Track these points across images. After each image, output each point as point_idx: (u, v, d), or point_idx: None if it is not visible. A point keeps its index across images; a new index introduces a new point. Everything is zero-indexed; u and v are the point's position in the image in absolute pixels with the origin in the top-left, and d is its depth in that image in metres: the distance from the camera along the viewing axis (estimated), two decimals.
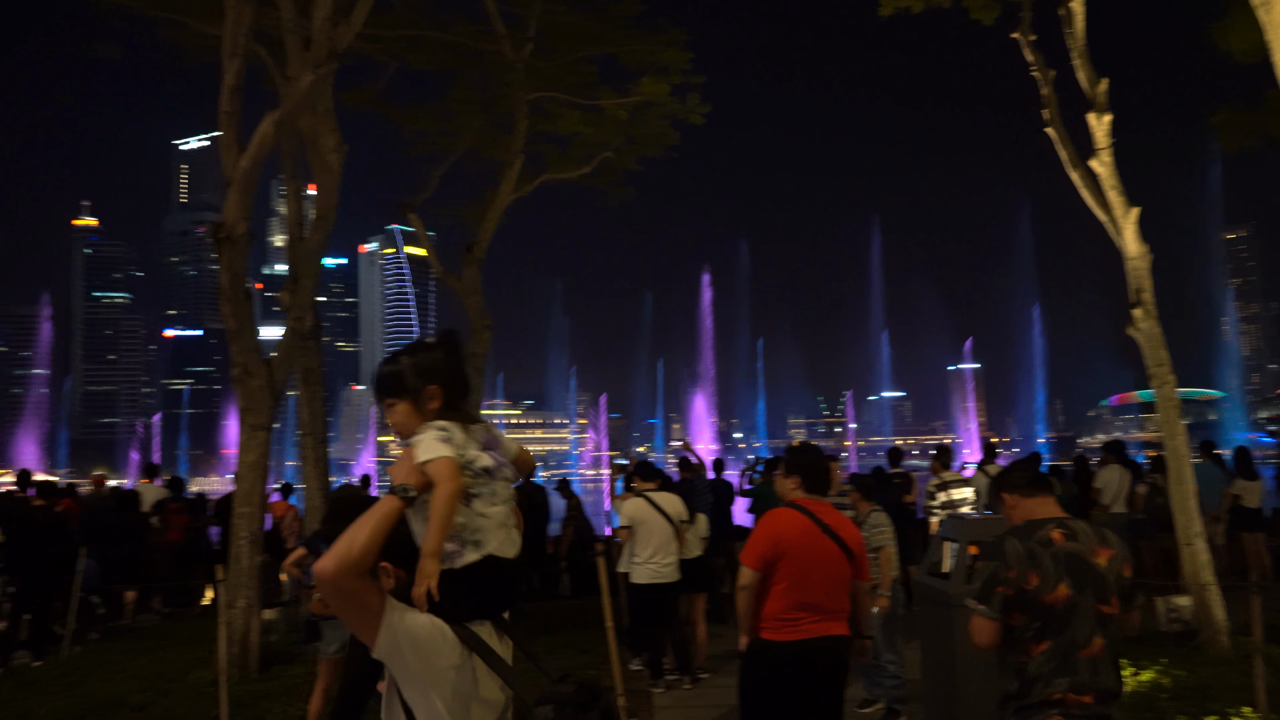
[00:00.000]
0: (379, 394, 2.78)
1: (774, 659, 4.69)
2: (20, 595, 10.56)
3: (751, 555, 4.73)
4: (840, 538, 4.78)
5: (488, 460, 2.66)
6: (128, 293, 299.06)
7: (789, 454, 5.18)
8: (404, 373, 2.73)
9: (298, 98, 9.69)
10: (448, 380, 2.72)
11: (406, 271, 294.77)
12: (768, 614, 4.71)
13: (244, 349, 9.67)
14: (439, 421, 2.62)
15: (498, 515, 2.62)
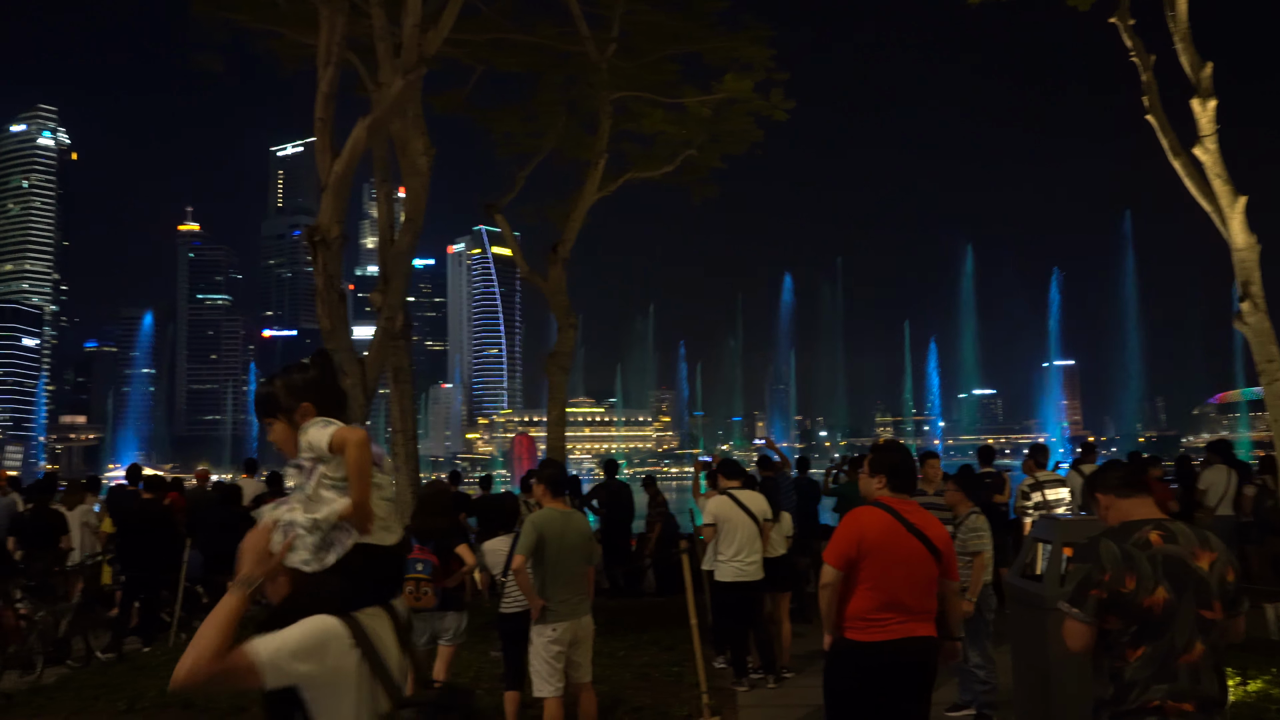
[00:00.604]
0: (258, 414, 2.90)
1: (859, 659, 4.63)
2: (131, 584, 11.07)
3: (834, 554, 4.67)
4: (926, 536, 4.69)
5: (379, 458, 2.81)
6: (228, 295, 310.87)
7: (874, 452, 5.10)
8: (277, 393, 2.86)
9: (389, 103, 9.95)
10: (319, 397, 2.85)
11: (492, 271, 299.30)
12: (852, 614, 4.65)
13: (338, 348, 9.96)
14: (330, 429, 2.72)
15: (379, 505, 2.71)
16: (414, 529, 6.98)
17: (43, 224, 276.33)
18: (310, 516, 2.62)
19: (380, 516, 2.71)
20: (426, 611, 6.86)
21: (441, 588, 6.80)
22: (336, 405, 2.90)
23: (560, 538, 6.31)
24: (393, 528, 2.77)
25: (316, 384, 2.89)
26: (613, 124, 14.74)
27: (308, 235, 9.84)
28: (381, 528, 2.71)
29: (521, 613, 6.64)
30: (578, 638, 6.39)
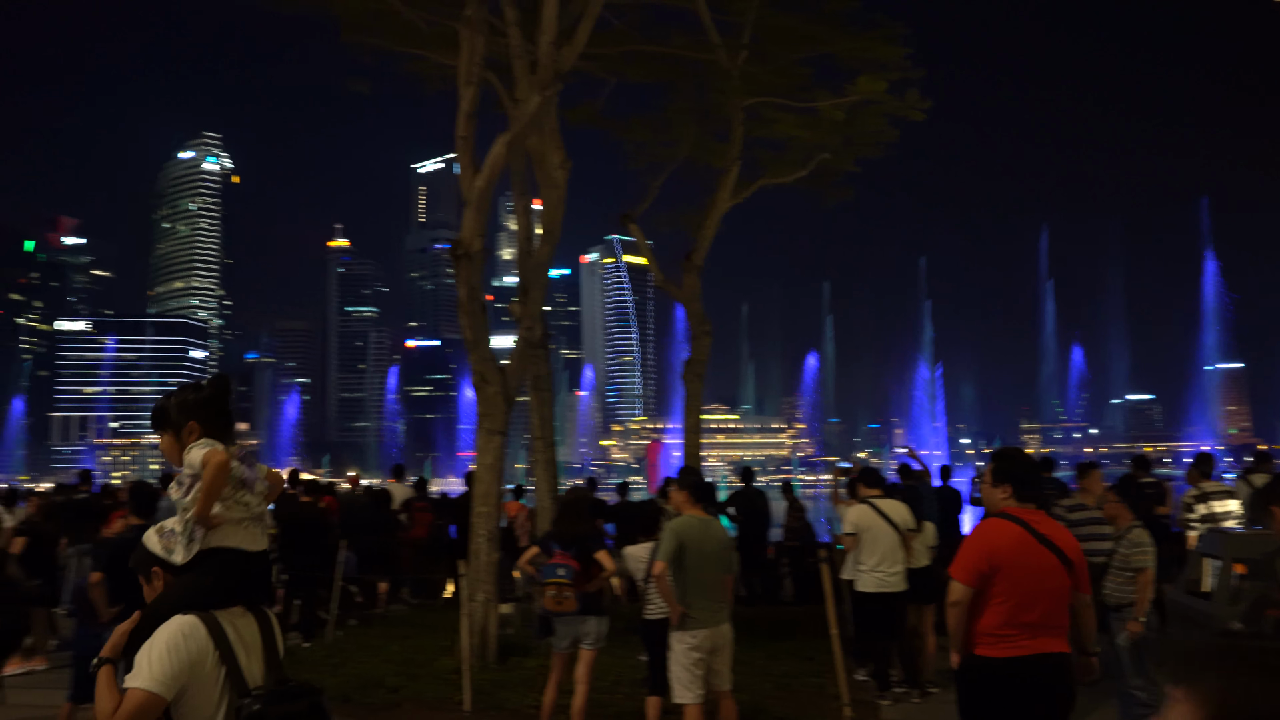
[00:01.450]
0: (152, 426, 3.19)
1: (991, 677, 4.46)
2: (292, 583, 11.70)
3: (962, 569, 4.50)
4: (1058, 547, 4.47)
5: (244, 473, 3.09)
6: (374, 307, 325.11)
7: (996, 460, 4.84)
8: (169, 409, 3.15)
9: (526, 119, 10.23)
10: (206, 417, 3.13)
11: (626, 280, 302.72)
12: (982, 629, 4.48)
13: (481, 358, 10.29)
14: (205, 439, 3.05)
15: (237, 511, 3.00)
16: (555, 534, 7.14)
17: (208, 244, 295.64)
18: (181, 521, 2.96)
19: (240, 526, 2.99)
20: (568, 615, 6.99)
21: (582, 592, 6.92)
22: (224, 425, 3.18)
23: (700, 545, 6.33)
24: (256, 538, 3.06)
25: (205, 404, 3.18)
26: (745, 130, 14.71)
27: (451, 249, 10.21)
28: (243, 536, 2.99)
29: (663, 619, 6.69)
30: (717, 645, 6.39)
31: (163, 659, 2.69)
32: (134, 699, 2.65)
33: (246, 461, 3.19)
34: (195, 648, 2.73)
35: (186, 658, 2.71)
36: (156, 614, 2.82)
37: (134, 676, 2.70)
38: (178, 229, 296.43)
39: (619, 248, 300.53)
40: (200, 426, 3.14)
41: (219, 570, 2.91)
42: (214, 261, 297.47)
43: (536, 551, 7.34)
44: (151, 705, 2.65)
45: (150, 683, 2.66)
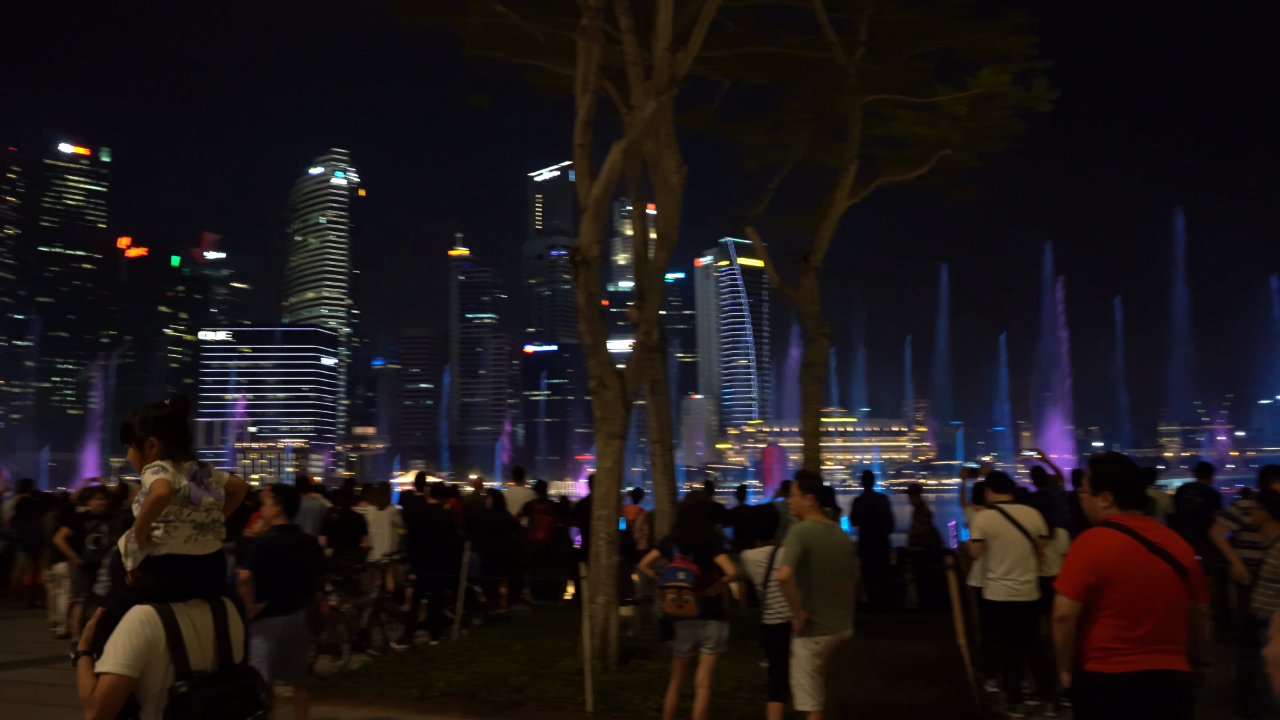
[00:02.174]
0: (120, 439, 3.62)
1: (1104, 693, 4.22)
2: (420, 582, 12.07)
3: (1068, 583, 4.26)
4: (1171, 555, 4.21)
5: (191, 491, 3.44)
6: (494, 313, 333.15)
7: (1094, 467, 4.57)
8: (134, 425, 3.57)
9: (642, 125, 10.30)
10: (166, 434, 3.54)
11: (740, 283, 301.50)
12: (1092, 643, 4.24)
13: (599, 363, 10.40)
14: (158, 462, 3.45)
15: (183, 530, 3.40)
16: (676, 538, 7.16)
17: (337, 255, 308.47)
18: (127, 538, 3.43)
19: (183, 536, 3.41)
20: (688, 619, 6.99)
21: (703, 596, 6.92)
22: (182, 441, 3.60)
23: (824, 550, 6.26)
24: (206, 544, 3.48)
25: (165, 421, 3.59)
26: (862, 128, 14.46)
27: (569, 255, 10.36)
28: (191, 545, 3.42)
29: (782, 624, 6.63)
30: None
31: (126, 644, 3.12)
32: (106, 682, 3.08)
33: (199, 477, 3.56)
34: (150, 633, 3.17)
35: (144, 642, 3.15)
36: (119, 608, 3.26)
37: (103, 662, 3.12)
38: (309, 241, 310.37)
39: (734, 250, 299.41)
40: (160, 442, 3.57)
41: (167, 573, 3.35)
42: (342, 272, 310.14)
43: (656, 555, 7.37)
44: (121, 685, 3.09)
45: (116, 665, 3.09)
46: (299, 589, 7.30)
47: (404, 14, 13.27)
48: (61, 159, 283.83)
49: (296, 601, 7.27)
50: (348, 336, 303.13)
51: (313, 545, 7.46)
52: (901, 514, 14.68)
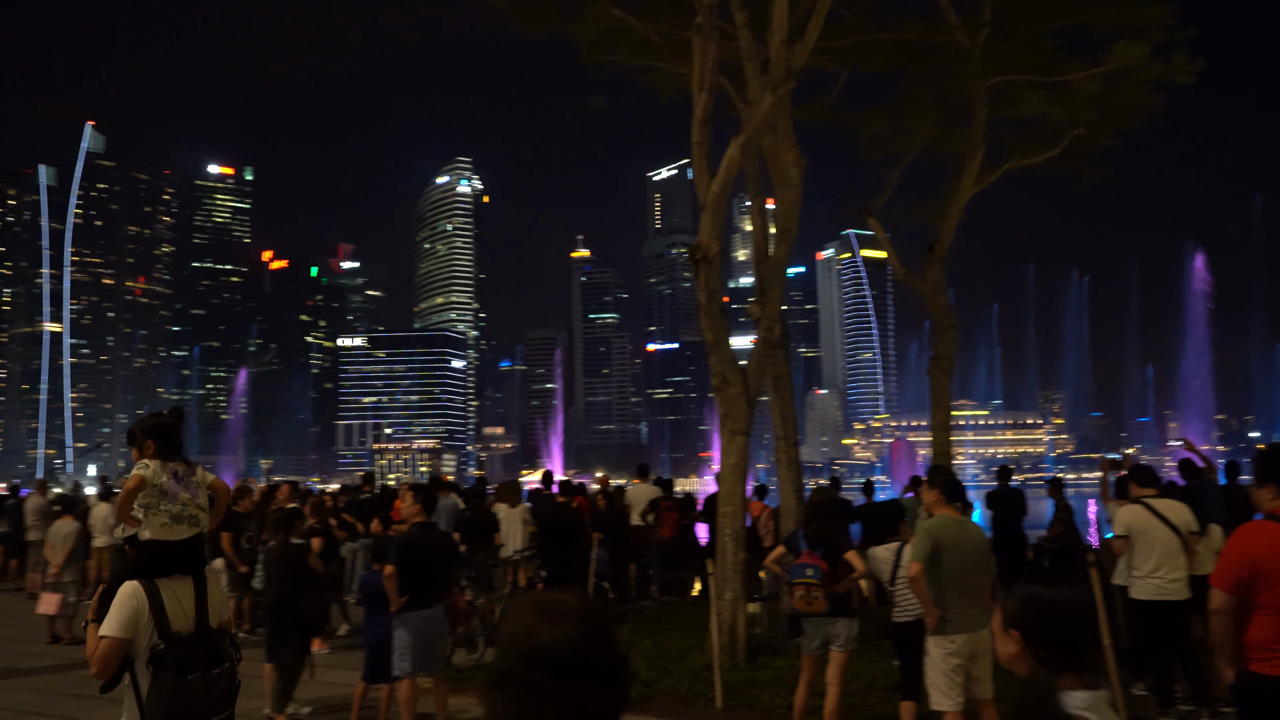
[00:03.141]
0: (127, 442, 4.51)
1: (1268, 697, 4.01)
2: (551, 579, 12.33)
3: (1221, 576, 4.12)
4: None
5: (168, 486, 4.26)
6: (616, 313, 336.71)
7: (1261, 459, 4.38)
8: (135, 431, 4.46)
9: (760, 120, 10.25)
10: (159, 438, 4.40)
11: (863, 275, 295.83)
12: (1252, 643, 4.05)
13: (721, 359, 10.41)
14: (143, 460, 4.33)
15: (160, 518, 4.21)
16: (804, 534, 7.11)
17: (464, 261, 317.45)
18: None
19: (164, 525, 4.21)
20: (817, 616, 6.94)
21: (832, 593, 6.85)
22: (172, 445, 4.45)
23: (956, 546, 6.11)
24: (178, 530, 4.23)
25: (159, 429, 4.45)
26: (988, 112, 13.99)
27: (690, 253, 10.40)
28: (167, 531, 4.21)
29: (912, 622, 6.51)
30: (977, 651, 6.13)
31: (117, 613, 3.91)
32: (104, 644, 3.88)
33: (181, 477, 4.40)
34: (137, 604, 3.94)
35: (132, 611, 3.92)
36: (114, 584, 4.07)
37: (102, 628, 3.91)
38: (437, 249, 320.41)
39: (855, 243, 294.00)
40: (155, 445, 4.44)
41: (149, 554, 4.19)
42: (469, 277, 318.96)
43: (783, 551, 7.34)
44: (116, 646, 3.88)
45: (111, 630, 3.88)
46: (438, 584, 7.58)
47: (524, 25, 13.56)
48: (210, 179, 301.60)
49: (436, 596, 7.55)
50: (475, 340, 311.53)
51: (449, 542, 7.74)
52: (1039, 509, 14.15)
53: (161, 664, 3.85)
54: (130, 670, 3.91)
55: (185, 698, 3.84)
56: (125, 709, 3.98)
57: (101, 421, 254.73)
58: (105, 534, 16.43)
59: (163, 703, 3.82)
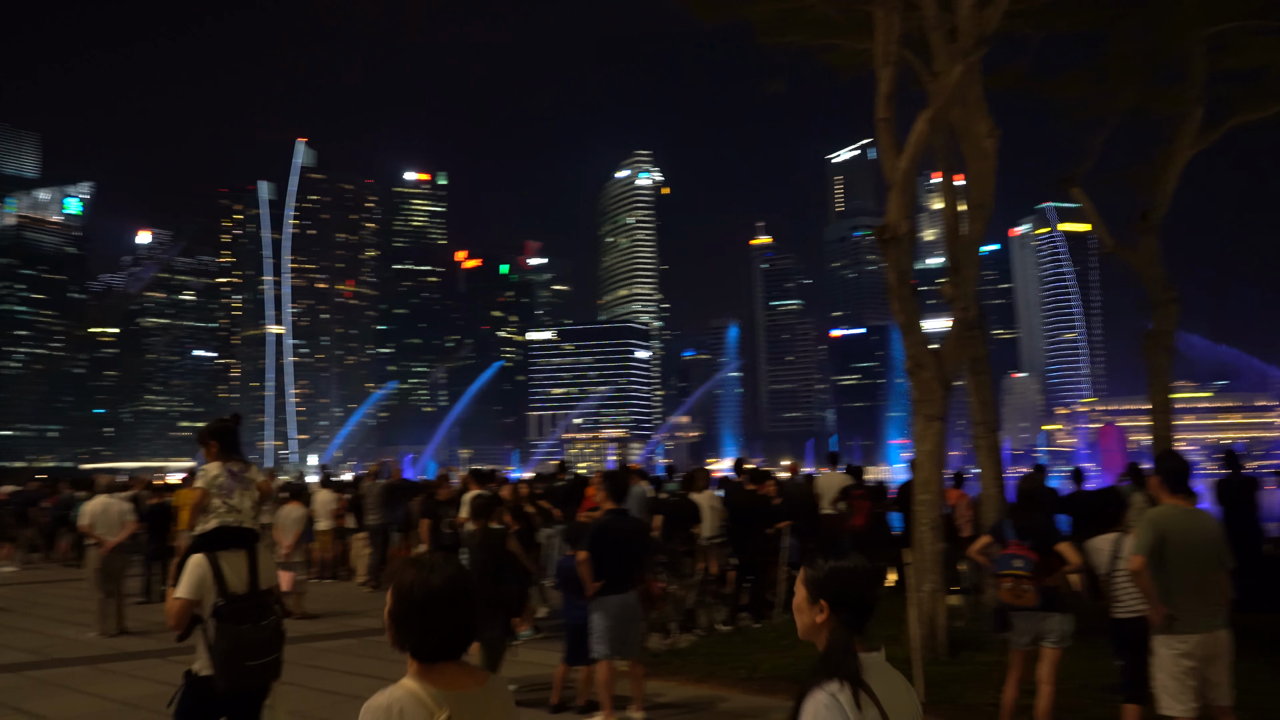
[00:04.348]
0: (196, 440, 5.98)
1: None
2: (742, 565, 12.31)
3: None
4: None
5: (224, 482, 5.66)
6: (798, 300, 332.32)
7: None
8: (203, 431, 5.83)
9: (948, 92, 9.81)
10: (222, 440, 5.77)
11: (1063, 250, 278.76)
12: None
13: (914, 342, 10.05)
14: (208, 464, 5.68)
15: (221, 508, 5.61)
16: (1013, 524, 6.75)
17: (646, 253, 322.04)
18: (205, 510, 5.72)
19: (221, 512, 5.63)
20: (1027, 610, 6.57)
21: (1043, 586, 6.47)
22: (231, 446, 5.80)
23: (1185, 538, 5.61)
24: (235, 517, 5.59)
25: (221, 431, 5.80)
26: (1206, 65, 12.81)
27: (877, 234, 10.09)
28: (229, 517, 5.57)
29: (1136, 619, 6.05)
30: (1212, 653, 5.61)
31: (187, 579, 4.87)
32: (178, 604, 4.85)
33: (237, 474, 5.67)
34: (202, 571, 4.89)
35: (199, 577, 4.87)
36: (184, 558, 5.04)
37: (177, 591, 4.89)
38: (619, 242, 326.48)
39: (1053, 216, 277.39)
40: (218, 445, 5.73)
41: (214, 534, 5.14)
42: (651, 269, 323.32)
43: (989, 541, 6.99)
44: (186, 605, 4.84)
45: (184, 592, 4.85)
46: (632, 569, 7.70)
47: (699, 11, 13.54)
48: (407, 185, 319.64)
49: (629, 581, 7.67)
50: (659, 330, 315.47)
51: (642, 528, 7.86)
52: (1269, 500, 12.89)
53: (222, 617, 4.78)
54: (200, 623, 4.86)
55: (241, 642, 4.75)
56: (198, 654, 4.92)
57: (319, 415, 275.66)
58: (327, 519, 17.72)
59: (224, 645, 4.73)
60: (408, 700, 2.42)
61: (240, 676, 4.76)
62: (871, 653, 2.55)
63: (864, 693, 2.43)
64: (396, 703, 2.42)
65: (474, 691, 2.53)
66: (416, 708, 2.41)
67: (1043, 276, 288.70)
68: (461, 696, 2.48)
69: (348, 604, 14.80)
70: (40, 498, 23.22)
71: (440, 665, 2.51)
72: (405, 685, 2.47)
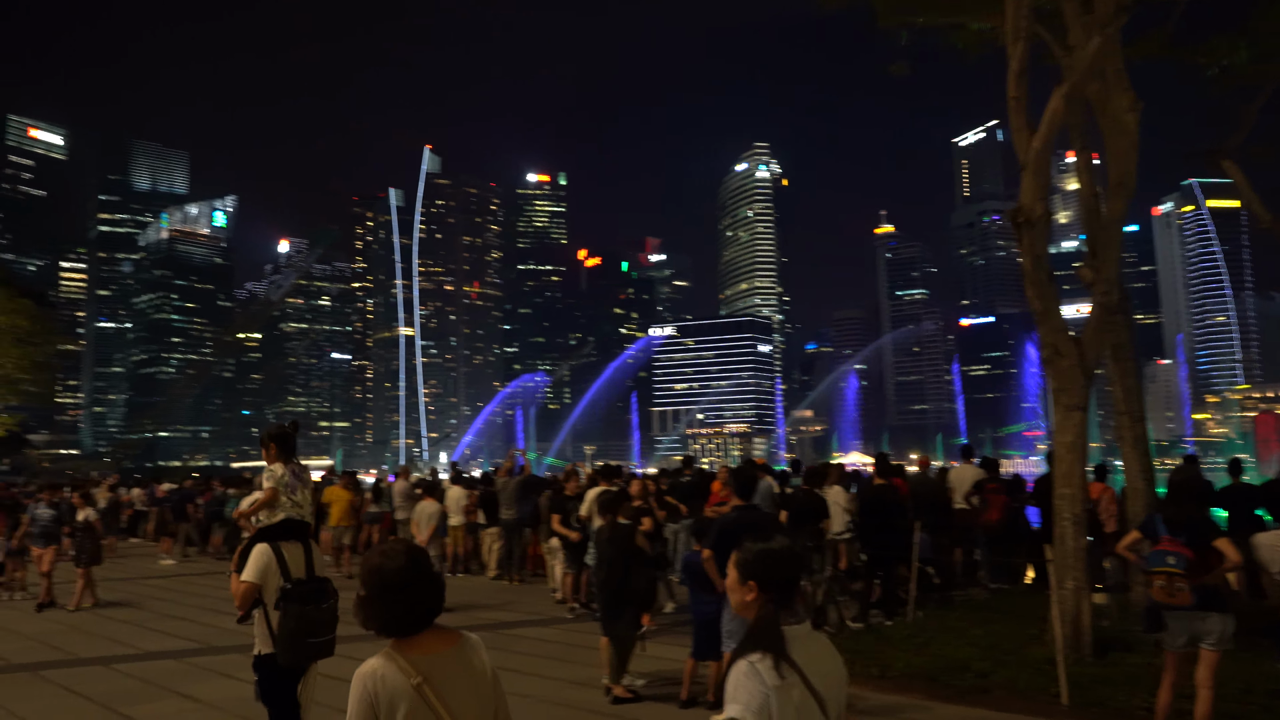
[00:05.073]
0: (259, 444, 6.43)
1: None
2: (873, 561, 12.06)
3: None
4: None
5: (289, 480, 6.05)
6: (924, 289, 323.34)
7: None
8: (263, 436, 6.31)
9: (1086, 65, 9.35)
10: (280, 443, 6.23)
11: (1211, 228, 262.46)
12: None
13: (1052, 329, 9.62)
14: (272, 465, 6.14)
15: (287, 504, 5.97)
16: (1164, 518, 6.38)
17: (766, 246, 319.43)
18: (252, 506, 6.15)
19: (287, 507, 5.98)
20: (1182, 610, 6.20)
21: (1199, 585, 6.09)
22: (289, 449, 6.28)
23: None
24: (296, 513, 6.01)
25: (279, 435, 6.28)
26: None
27: (1010, 217, 9.70)
28: (293, 511, 5.99)
29: None
30: None
31: (253, 564, 5.51)
32: (244, 586, 5.48)
33: (297, 473, 6.17)
34: (266, 558, 5.53)
35: (263, 563, 5.51)
36: (249, 546, 5.67)
37: (243, 575, 5.50)
38: (739, 235, 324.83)
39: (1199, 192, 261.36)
40: (276, 448, 6.24)
41: (279, 526, 5.85)
42: (771, 262, 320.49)
43: (1138, 536, 6.64)
44: (251, 589, 5.47)
45: (249, 576, 5.49)
46: None
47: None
48: (529, 187, 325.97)
49: None
50: (780, 323, 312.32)
51: (771, 523, 7.77)
52: None
53: (291, 599, 5.30)
54: (261, 606, 5.46)
55: (306, 622, 5.20)
56: (257, 634, 5.54)
57: (449, 414, 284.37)
58: (459, 514, 18.23)
59: (290, 624, 5.23)
60: (387, 667, 2.83)
61: (302, 652, 5.25)
62: (798, 625, 2.85)
63: (785, 662, 2.73)
64: (379, 669, 2.83)
65: (447, 651, 2.93)
66: (396, 674, 2.82)
67: (1188, 257, 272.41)
68: (436, 658, 2.88)
69: (479, 597, 15.20)
70: (196, 495, 24.71)
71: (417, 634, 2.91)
72: (387, 653, 2.87)
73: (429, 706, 2.80)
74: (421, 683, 2.81)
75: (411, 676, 2.81)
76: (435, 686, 2.83)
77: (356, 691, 2.82)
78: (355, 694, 2.82)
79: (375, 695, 2.79)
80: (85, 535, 15.73)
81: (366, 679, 2.81)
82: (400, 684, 2.80)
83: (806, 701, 2.75)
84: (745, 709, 2.69)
